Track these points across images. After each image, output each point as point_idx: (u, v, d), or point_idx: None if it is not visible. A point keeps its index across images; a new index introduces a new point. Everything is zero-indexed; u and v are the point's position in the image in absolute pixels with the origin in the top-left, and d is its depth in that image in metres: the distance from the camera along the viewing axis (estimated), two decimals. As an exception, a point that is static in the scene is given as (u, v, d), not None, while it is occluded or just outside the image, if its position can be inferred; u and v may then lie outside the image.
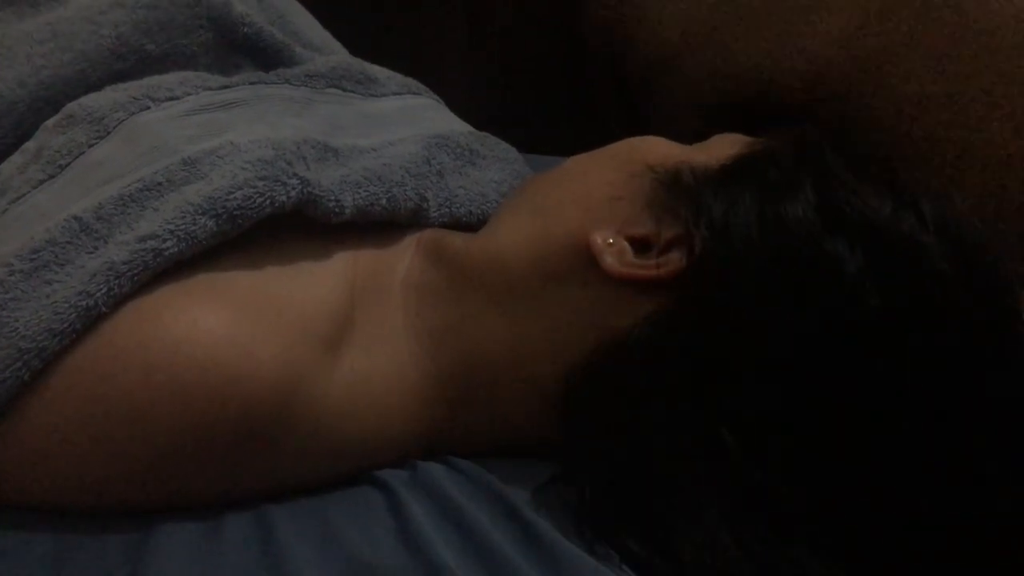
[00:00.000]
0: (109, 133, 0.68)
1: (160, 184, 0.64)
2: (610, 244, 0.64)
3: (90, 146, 0.68)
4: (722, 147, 0.68)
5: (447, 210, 0.75)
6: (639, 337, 0.62)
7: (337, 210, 0.67)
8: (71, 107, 0.71)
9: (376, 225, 0.70)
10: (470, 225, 0.75)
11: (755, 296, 0.60)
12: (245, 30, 0.81)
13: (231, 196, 0.62)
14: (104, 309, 0.58)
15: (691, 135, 0.71)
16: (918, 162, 0.84)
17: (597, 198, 0.67)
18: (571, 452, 0.64)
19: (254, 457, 0.60)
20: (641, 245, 0.64)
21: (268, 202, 0.63)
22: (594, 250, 0.64)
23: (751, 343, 0.59)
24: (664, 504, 0.60)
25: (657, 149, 0.70)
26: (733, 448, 0.58)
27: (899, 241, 0.60)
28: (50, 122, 0.71)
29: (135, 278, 0.59)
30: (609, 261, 0.64)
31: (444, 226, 0.74)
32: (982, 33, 0.85)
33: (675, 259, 0.63)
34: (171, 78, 0.74)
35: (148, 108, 0.70)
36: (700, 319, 0.61)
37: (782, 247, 0.61)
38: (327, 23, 0.92)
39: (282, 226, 0.65)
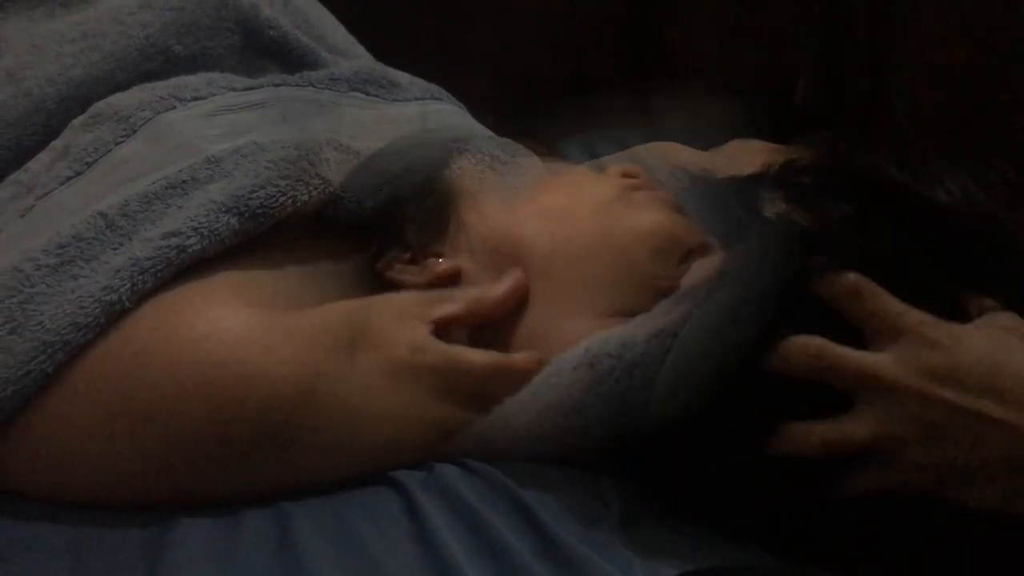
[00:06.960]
0: (135, 132, 0.69)
1: (184, 182, 0.64)
2: None
3: (116, 144, 0.68)
4: (743, 154, 0.68)
5: (467, 213, 0.75)
6: None
7: (358, 211, 0.67)
8: (98, 106, 0.72)
9: None
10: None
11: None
12: (271, 33, 0.81)
13: (254, 195, 0.62)
14: (128, 304, 0.59)
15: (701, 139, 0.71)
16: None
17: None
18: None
19: (272, 454, 0.60)
20: None
21: (290, 201, 0.63)
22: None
23: None
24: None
25: (678, 154, 0.70)
26: None
27: None
28: (78, 120, 0.71)
29: (158, 274, 0.60)
30: None
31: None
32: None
33: None
34: (197, 79, 0.75)
35: (174, 108, 0.71)
36: None
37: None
38: (352, 28, 0.93)
39: (303, 226, 0.65)
